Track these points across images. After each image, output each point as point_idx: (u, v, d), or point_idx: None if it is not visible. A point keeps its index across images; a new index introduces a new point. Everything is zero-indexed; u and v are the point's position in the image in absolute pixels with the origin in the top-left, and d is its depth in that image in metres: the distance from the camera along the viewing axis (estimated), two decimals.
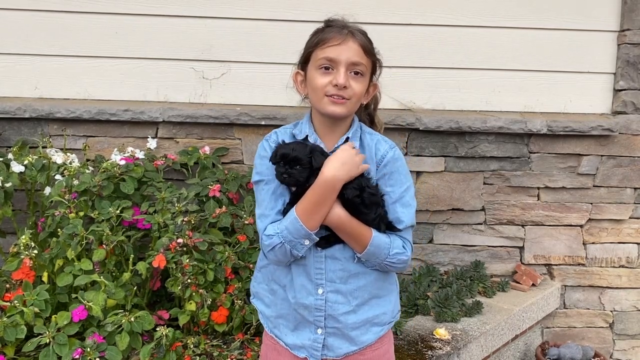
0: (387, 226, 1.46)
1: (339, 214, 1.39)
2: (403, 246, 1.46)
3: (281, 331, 1.53)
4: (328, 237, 1.44)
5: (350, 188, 1.38)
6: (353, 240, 1.42)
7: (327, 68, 1.41)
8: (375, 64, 1.49)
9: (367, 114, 1.60)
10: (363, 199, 1.39)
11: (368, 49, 1.44)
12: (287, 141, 1.47)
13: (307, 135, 1.49)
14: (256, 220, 1.48)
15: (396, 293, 1.58)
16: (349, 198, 1.38)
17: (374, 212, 1.41)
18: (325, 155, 1.41)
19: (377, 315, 1.51)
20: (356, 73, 1.42)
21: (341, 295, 1.46)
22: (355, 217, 1.41)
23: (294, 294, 1.47)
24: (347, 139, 1.48)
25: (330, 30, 1.43)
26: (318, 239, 1.41)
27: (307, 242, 1.40)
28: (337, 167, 1.37)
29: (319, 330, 1.48)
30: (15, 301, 2.00)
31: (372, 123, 1.61)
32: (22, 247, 2.11)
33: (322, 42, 1.41)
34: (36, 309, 2.00)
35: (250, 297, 1.64)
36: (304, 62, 1.48)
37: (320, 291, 1.46)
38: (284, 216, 1.43)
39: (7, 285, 2.14)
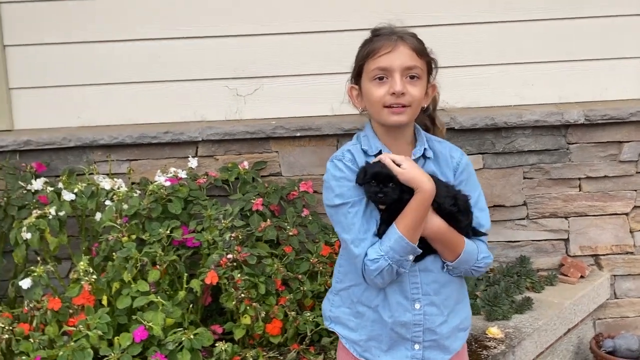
0: (473, 232, 1.45)
1: (438, 224, 1.37)
2: (487, 249, 1.47)
3: (373, 354, 1.49)
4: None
5: (444, 197, 1.36)
6: (447, 250, 1.40)
7: (381, 78, 1.37)
8: (430, 63, 1.44)
9: (428, 115, 1.54)
10: (459, 206, 1.38)
11: (420, 50, 1.39)
12: (359, 158, 1.43)
13: (380, 150, 1.43)
14: (348, 246, 1.39)
15: (467, 296, 1.59)
16: (447, 207, 1.36)
17: (468, 218, 1.41)
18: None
19: (462, 321, 1.51)
20: (412, 77, 1.37)
21: (435, 307, 1.45)
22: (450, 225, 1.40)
23: (391, 313, 1.44)
24: (425, 150, 1.45)
25: (379, 39, 1.39)
26: (421, 251, 1.39)
27: (411, 257, 1.37)
28: (428, 178, 1.35)
29: (417, 346, 1.46)
30: (80, 325, 2.08)
31: (433, 124, 1.56)
32: (81, 273, 2.18)
33: (372, 53, 1.37)
34: (99, 332, 2.07)
35: (326, 322, 1.59)
36: (357, 75, 1.44)
37: (417, 306, 1.43)
38: (378, 237, 1.39)
39: (70, 311, 2.22)
